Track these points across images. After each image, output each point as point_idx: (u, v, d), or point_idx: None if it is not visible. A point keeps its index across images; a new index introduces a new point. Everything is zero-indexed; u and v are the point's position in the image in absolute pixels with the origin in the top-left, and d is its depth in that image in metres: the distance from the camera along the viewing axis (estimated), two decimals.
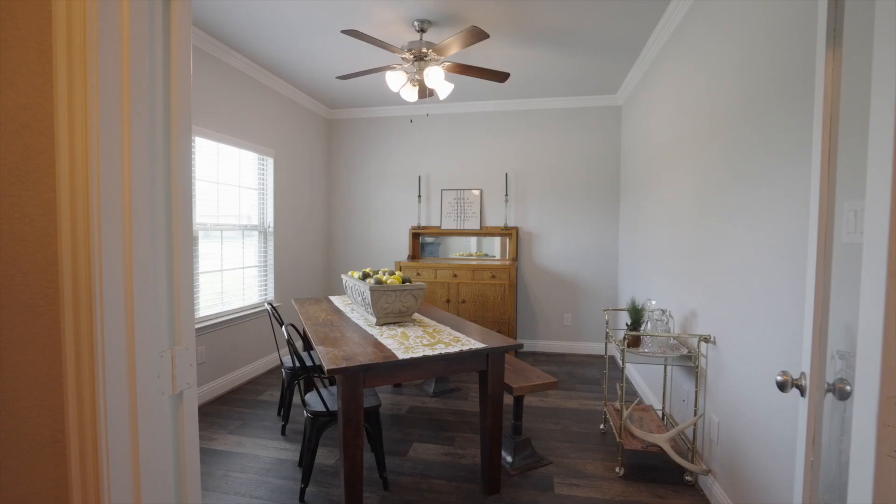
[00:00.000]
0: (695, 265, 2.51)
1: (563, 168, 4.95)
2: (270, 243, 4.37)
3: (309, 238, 5.11)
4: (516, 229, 5.00)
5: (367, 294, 2.55)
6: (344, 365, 1.83)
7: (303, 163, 4.94)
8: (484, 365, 2.21)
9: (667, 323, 2.65)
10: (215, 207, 3.67)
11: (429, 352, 2.04)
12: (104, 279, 0.76)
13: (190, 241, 0.95)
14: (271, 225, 4.36)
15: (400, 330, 2.48)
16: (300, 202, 4.90)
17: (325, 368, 1.80)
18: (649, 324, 2.65)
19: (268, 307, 3.02)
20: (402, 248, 5.37)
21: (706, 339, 2.28)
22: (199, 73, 3.39)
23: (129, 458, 0.81)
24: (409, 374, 2.03)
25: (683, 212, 2.71)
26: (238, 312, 3.86)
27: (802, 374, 1.13)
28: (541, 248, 5.04)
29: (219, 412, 3.31)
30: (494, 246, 5.16)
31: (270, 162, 4.34)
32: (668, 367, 2.91)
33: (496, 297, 4.50)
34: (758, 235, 1.82)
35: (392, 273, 2.84)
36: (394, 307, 2.59)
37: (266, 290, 4.38)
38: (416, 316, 2.91)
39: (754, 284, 1.84)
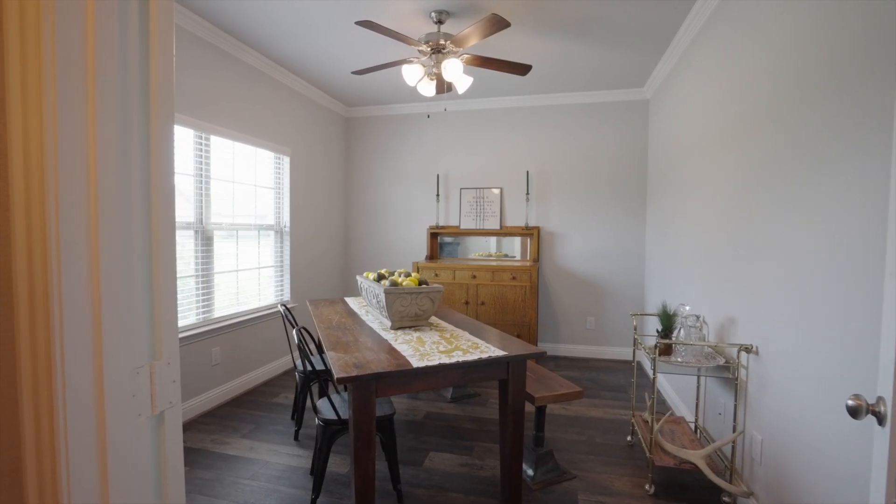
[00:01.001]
0: (733, 268, 2.32)
1: (587, 165, 4.76)
2: (287, 243, 4.31)
3: (326, 238, 5.05)
4: (538, 229, 4.83)
5: (382, 297, 2.44)
6: (355, 373, 1.72)
7: (320, 161, 4.88)
8: (504, 374, 2.07)
9: (701, 330, 2.47)
10: (231, 207, 3.62)
11: (445, 359, 1.92)
12: (63, 285, 0.66)
13: (173, 243, 0.84)
14: (287, 224, 4.30)
15: (416, 335, 2.36)
16: (317, 201, 4.83)
17: (335, 376, 1.70)
18: (682, 331, 2.47)
19: (281, 309, 2.95)
20: (420, 248, 5.26)
21: (748, 350, 2.09)
22: (213, 70, 3.34)
23: (97, 491, 0.71)
24: (425, 383, 1.91)
25: (720, 211, 2.52)
26: (254, 313, 3.81)
27: (880, 399, 0.96)
28: (563, 249, 4.85)
29: (233, 414, 3.25)
30: (515, 246, 5.00)
31: (287, 161, 4.28)
32: (703, 378, 2.72)
33: (516, 299, 4.35)
34: (809, 237, 1.63)
35: (408, 274, 2.72)
36: (409, 310, 2.47)
37: (282, 290, 4.32)
38: (433, 319, 2.79)
39: (805, 291, 1.66)
